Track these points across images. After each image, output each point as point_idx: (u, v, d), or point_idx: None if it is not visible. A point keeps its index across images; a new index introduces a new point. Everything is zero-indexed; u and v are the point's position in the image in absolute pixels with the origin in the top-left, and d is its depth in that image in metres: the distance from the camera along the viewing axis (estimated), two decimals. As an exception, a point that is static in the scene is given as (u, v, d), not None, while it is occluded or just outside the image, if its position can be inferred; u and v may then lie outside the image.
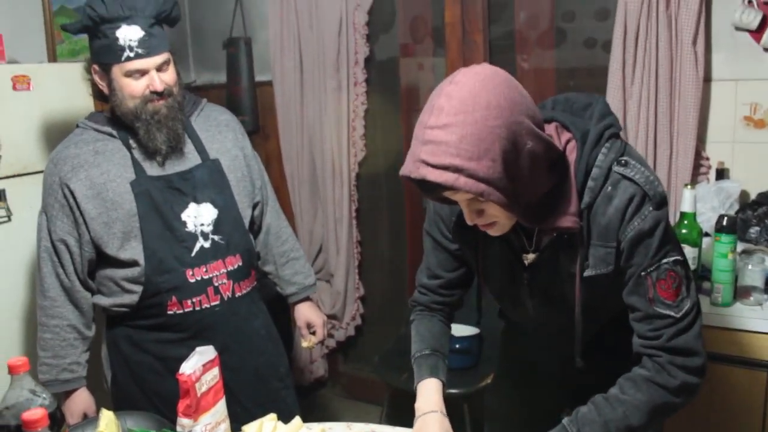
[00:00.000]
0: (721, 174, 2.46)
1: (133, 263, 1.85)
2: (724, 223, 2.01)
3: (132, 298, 1.87)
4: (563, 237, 1.30)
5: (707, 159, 2.52)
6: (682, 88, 2.41)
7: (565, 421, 1.28)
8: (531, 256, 1.37)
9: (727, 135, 2.50)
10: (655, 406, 1.27)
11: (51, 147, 2.38)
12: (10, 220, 2.32)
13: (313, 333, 2.23)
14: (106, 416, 1.36)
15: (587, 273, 1.30)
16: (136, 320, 1.91)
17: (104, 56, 1.81)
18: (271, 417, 1.60)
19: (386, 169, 3.37)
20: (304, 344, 2.23)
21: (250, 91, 3.31)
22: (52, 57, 2.88)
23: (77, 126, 1.94)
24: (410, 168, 1.15)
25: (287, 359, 2.20)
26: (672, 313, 1.26)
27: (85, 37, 1.88)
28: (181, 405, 1.40)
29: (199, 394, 1.41)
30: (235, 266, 1.94)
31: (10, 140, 2.30)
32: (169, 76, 1.86)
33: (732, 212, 2.30)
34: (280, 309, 2.50)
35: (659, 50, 2.40)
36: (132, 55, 1.78)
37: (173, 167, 1.90)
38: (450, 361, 2.60)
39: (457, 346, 2.67)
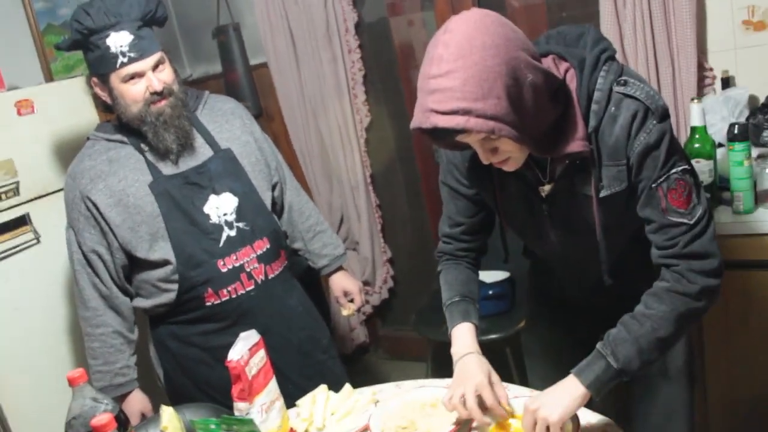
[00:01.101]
0: (727, 82, 2.45)
1: (164, 263, 1.89)
2: (736, 131, 2.01)
3: (170, 297, 1.92)
4: (575, 163, 1.34)
5: (711, 69, 2.50)
6: (675, 1, 2.38)
7: (598, 345, 1.33)
8: (547, 187, 1.41)
9: (727, 42, 2.47)
10: (679, 314, 1.30)
11: (65, 164, 2.42)
12: (39, 242, 2.37)
13: (351, 301, 2.27)
14: (167, 412, 1.41)
15: (603, 193, 1.34)
16: (178, 316, 1.96)
17: (100, 67, 1.83)
18: (323, 388, 1.66)
19: (393, 131, 3.39)
20: (345, 312, 2.27)
21: (246, 76, 3.32)
22: (48, 76, 2.90)
23: (88, 139, 1.97)
24: (420, 119, 1.19)
25: (328, 331, 2.25)
26: (685, 221, 1.30)
27: (78, 51, 1.90)
28: (235, 390, 1.45)
29: (250, 377, 1.46)
30: (264, 249, 1.98)
31: (25, 164, 2.34)
32: (166, 74, 1.88)
33: (742, 119, 2.29)
34: (312, 282, 2.54)
35: (647, -33, 2.37)
36: (125, 60, 1.80)
37: (187, 163, 1.93)
38: (485, 308, 2.70)
39: (491, 292, 2.71)
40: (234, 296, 1.93)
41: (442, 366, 2.88)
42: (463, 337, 1.53)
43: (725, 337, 2.16)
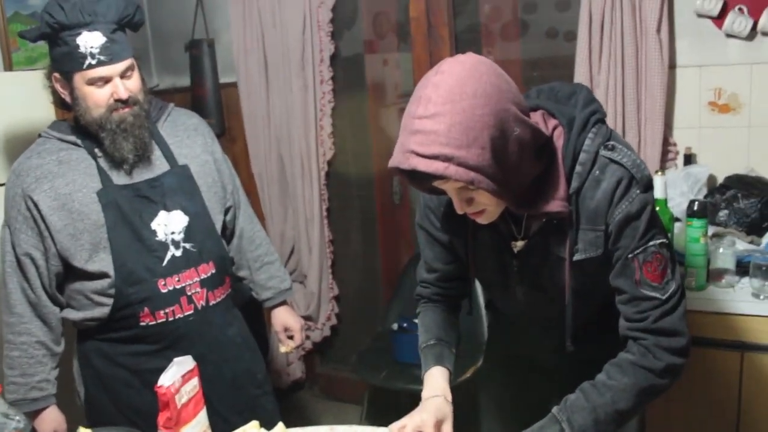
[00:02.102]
0: (689, 159, 2.49)
1: (102, 275, 1.80)
2: (695, 207, 2.03)
3: (103, 311, 1.82)
4: (552, 222, 1.31)
5: (674, 145, 2.55)
6: (648, 75, 2.43)
7: (554, 410, 1.29)
8: (520, 244, 1.38)
9: (693, 120, 2.53)
10: (641, 389, 1.28)
11: (12, 158, 2.31)
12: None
13: (291, 337, 2.20)
14: (85, 434, 1.32)
15: (577, 257, 1.31)
16: (108, 333, 1.85)
17: (65, 64, 1.75)
18: (253, 424, 1.57)
19: (356, 167, 3.35)
20: (282, 349, 2.20)
21: (214, 94, 3.26)
22: (8, 65, 2.80)
23: (39, 135, 1.87)
24: (399, 159, 1.15)
25: (264, 364, 2.17)
26: (658, 295, 1.28)
27: (42, 44, 1.82)
28: (161, 418, 1.37)
29: (179, 406, 1.39)
30: (209, 274, 1.90)
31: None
32: (134, 83, 1.80)
33: (701, 197, 2.33)
34: (254, 313, 2.46)
35: (624, 38, 2.42)
36: (94, 62, 1.72)
37: (141, 175, 1.85)
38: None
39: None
40: (171, 319, 1.84)
41: (377, 412, 2.83)
42: (433, 381, 1.47)
43: (667, 413, 2.15)
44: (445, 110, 1.11)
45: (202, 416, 1.47)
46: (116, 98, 1.76)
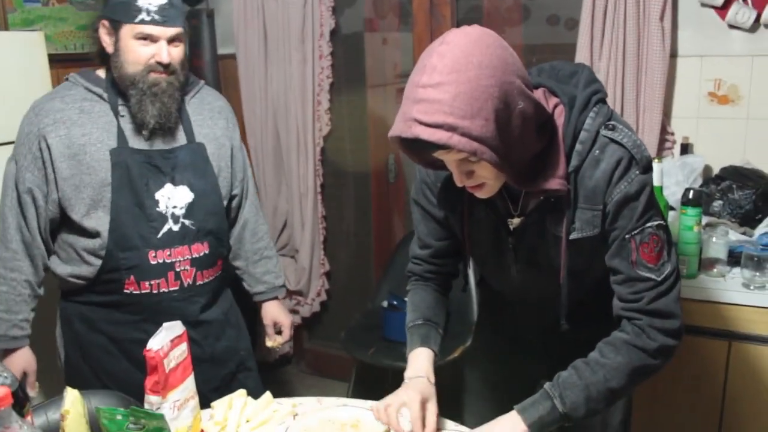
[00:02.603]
0: (686, 149, 2.49)
1: (95, 234, 1.79)
2: (690, 196, 2.03)
3: (90, 271, 1.82)
4: (550, 200, 1.30)
5: (672, 134, 2.55)
6: (648, 63, 2.42)
7: (547, 386, 1.30)
8: (516, 221, 1.37)
9: (691, 110, 2.53)
10: (634, 368, 1.29)
11: (7, 119, 2.28)
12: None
13: (279, 333, 2.19)
14: (71, 395, 1.31)
15: (573, 236, 1.31)
16: (90, 296, 1.86)
17: (118, 13, 1.74)
18: (240, 393, 1.57)
19: (352, 144, 3.34)
20: (269, 343, 2.18)
21: (212, 65, 3.24)
22: (4, 26, 2.76)
23: (66, 79, 1.86)
24: (401, 128, 1.14)
25: (249, 341, 2.15)
26: (653, 276, 1.28)
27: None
28: (149, 382, 1.36)
29: (167, 370, 1.38)
30: (201, 254, 1.89)
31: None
32: (178, 52, 1.80)
33: (696, 186, 2.33)
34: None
35: (627, 26, 2.41)
36: (148, 19, 1.72)
37: (157, 144, 1.83)
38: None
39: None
40: (155, 291, 1.83)
41: (364, 388, 2.83)
42: (418, 362, 1.47)
43: (653, 400, 2.17)
44: (450, 80, 1.09)
45: (190, 382, 1.46)
46: (157, 60, 1.75)
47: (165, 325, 1.43)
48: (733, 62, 2.43)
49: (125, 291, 1.82)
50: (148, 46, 1.75)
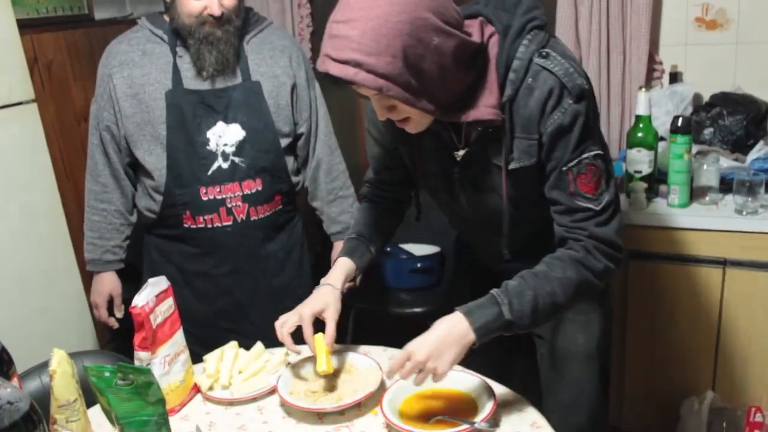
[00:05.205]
0: (675, 77, 2.45)
1: (156, 171, 1.89)
2: (679, 123, 2.00)
3: (155, 205, 1.94)
4: (488, 131, 1.29)
5: (660, 63, 2.50)
6: (633, -10, 2.36)
7: (494, 291, 1.27)
8: (461, 152, 1.37)
9: (679, 38, 2.47)
10: (580, 285, 1.29)
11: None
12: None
13: None
14: (58, 355, 1.30)
15: (512, 165, 1.31)
16: (160, 229, 1.99)
17: None
18: (232, 345, 1.57)
19: (334, 93, 3.27)
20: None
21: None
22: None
23: (136, 22, 1.96)
24: (318, 62, 1.18)
25: (309, 283, 2.10)
26: (592, 206, 1.28)
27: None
28: (137, 338, 1.35)
29: (154, 326, 1.37)
30: (253, 190, 1.92)
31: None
32: (231, 1, 1.81)
33: (687, 114, 2.29)
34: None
35: (609, -49, 2.34)
36: None
37: (212, 83, 1.88)
38: (412, 281, 2.65)
39: (419, 265, 2.67)
40: (209, 226, 1.91)
41: (363, 334, 2.83)
42: (335, 270, 1.53)
43: (650, 330, 2.17)
44: (359, 16, 1.11)
45: (179, 336, 1.45)
46: (209, 13, 1.77)
47: (150, 280, 1.42)
48: (720, -16, 2.37)
49: (184, 225, 1.93)
50: (199, 0, 1.77)
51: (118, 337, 2.19)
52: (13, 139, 2.33)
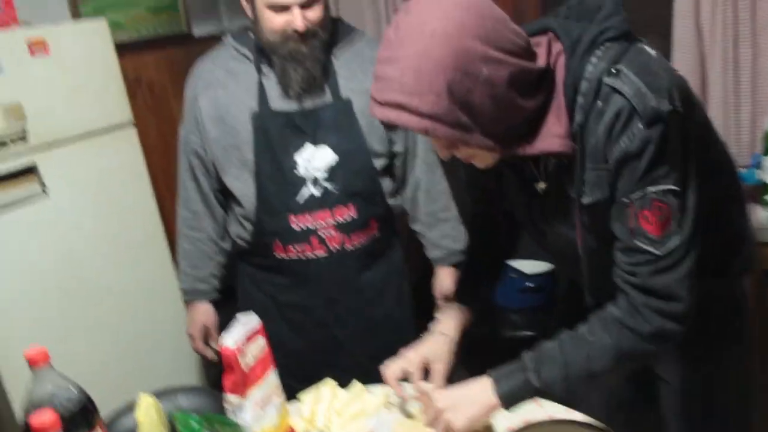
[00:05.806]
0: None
1: (244, 198, 1.80)
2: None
3: (246, 233, 1.85)
4: (563, 163, 1.16)
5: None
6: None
7: (525, 356, 1.20)
8: (542, 185, 1.26)
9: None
10: (622, 351, 1.14)
11: (78, 112, 2.26)
12: (46, 194, 2.20)
13: None
14: (145, 402, 1.24)
15: (585, 200, 1.16)
16: (252, 258, 1.91)
17: None
18: (329, 383, 1.47)
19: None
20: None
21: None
22: (75, 15, 2.73)
23: (221, 40, 1.89)
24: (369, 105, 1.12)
25: (410, 312, 2.04)
26: (653, 249, 1.11)
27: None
28: (227, 381, 1.27)
29: (245, 368, 1.29)
30: (346, 218, 1.79)
31: (35, 110, 2.15)
32: (316, 14, 1.68)
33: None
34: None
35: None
36: None
37: (300, 102, 1.76)
38: (521, 300, 2.49)
39: (529, 284, 2.51)
40: (302, 257, 1.81)
41: (474, 359, 2.70)
42: (449, 318, 1.51)
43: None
44: (399, 54, 1.04)
45: (272, 377, 1.37)
46: (293, 28, 1.67)
47: (240, 317, 1.34)
48: None
49: (275, 255, 1.83)
50: (280, 14, 1.66)
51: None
52: (111, 161, 2.38)
